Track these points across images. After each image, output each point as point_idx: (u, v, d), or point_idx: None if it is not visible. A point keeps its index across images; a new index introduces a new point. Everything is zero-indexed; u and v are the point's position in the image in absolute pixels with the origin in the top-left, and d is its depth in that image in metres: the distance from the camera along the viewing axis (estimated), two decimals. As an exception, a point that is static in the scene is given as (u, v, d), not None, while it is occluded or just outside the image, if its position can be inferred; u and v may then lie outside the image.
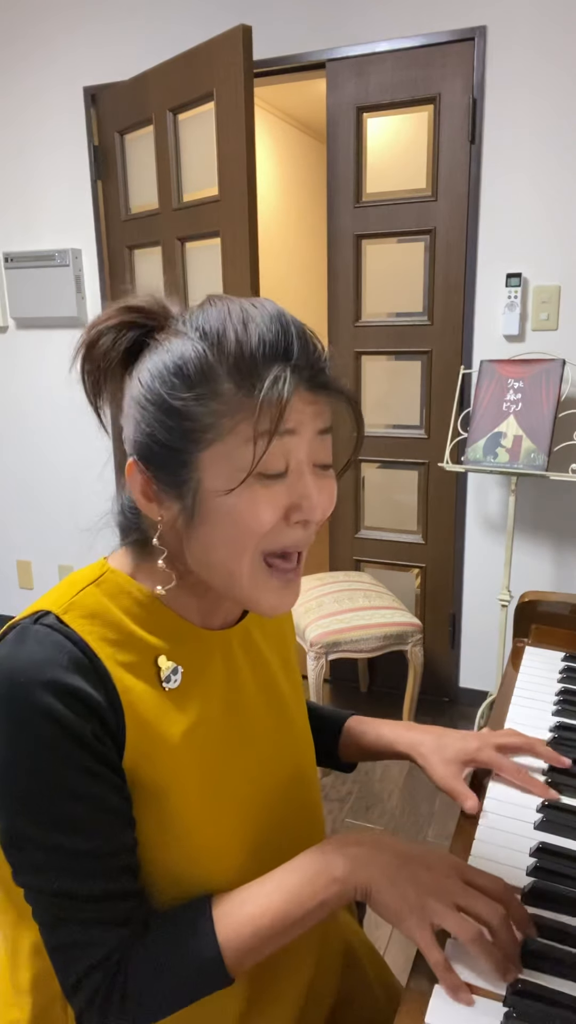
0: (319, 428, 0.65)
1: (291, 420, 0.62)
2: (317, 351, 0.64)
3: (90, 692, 0.61)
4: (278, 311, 0.63)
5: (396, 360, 2.65)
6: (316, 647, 2.27)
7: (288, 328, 0.62)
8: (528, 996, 0.58)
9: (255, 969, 0.71)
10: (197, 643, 0.71)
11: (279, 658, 0.82)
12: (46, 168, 2.98)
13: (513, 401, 2.23)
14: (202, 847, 0.67)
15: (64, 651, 0.61)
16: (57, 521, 3.34)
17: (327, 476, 0.67)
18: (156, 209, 2.60)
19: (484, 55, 2.30)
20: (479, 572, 2.67)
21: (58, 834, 0.60)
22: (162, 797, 0.65)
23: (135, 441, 0.64)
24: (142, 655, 0.66)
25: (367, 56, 2.43)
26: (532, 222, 2.36)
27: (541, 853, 0.74)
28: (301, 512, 0.63)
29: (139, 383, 0.63)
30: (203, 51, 2.23)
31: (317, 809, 0.83)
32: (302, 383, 0.62)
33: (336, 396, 0.66)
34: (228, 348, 0.61)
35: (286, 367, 0.60)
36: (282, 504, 0.63)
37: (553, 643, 1.20)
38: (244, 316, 0.62)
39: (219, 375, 0.60)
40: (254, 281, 2.24)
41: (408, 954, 1.71)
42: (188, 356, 0.61)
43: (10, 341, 3.22)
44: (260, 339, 0.61)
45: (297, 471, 0.63)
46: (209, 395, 0.60)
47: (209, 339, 0.61)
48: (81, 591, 0.66)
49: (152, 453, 0.63)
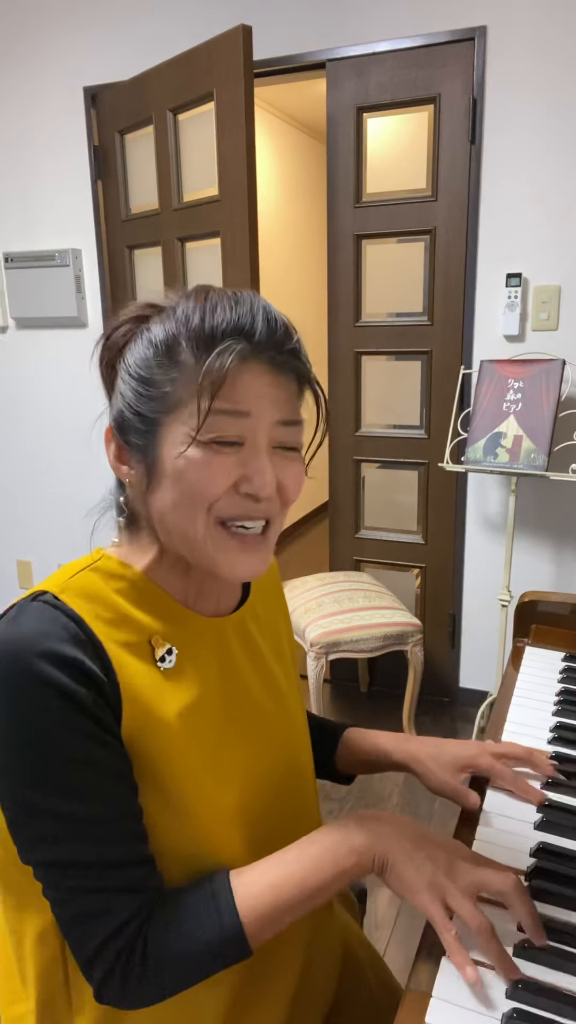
0: (280, 418, 0.67)
1: (244, 401, 0.64)
2: (284, 335, 0.66)
3: (88, 663, 0.62)
4: (253, 298, 0.66)
5: (396, 360, 2.65)
6: (316, 647, 2.27)
7: (257, 310, 0.65)
8: (528, 995, 0.58)
9: (240, 970, 0.71)
10: (191, 627, 0.72)
11: (274, 652, 0.83)
12: (46, 168, 2.98)
13: (513, 401, 2.23)
14: (201, 825, 0.67)
15: (60, 624, 0.62)
16: (57, 521, 3.34)
17: (291, 459, 0.69)
18: (156, 209, 2.60)
19: (484, 55, 2.30)
20: (479, 572, 2.67)
21: (72, 801, 0.60)
22: (159, 772, 0.65)
23: (115, 410, 0.70)
24: (137, 635, 0.68)
25: (367, 56, 2.43)
26: (532, 222, 2.36)
27: (541, 853, 0.74)
28: (250, 484, 0.65)
29: (123, 365, 0.69)
30: (203, 51, 2.23)
31: (312, 799, 0.83)
32: (262, 361, 0.65)
33: (293, 377, 0.68)
34: (193, 323, 0.65)
35: (240, 341, 0.63)
36: (233, 473, 0.65)
37: (553, 643, 1.20)
38: (218, 300, 0.66)
39: (181, 347, 0.65)
40: (254, 281, 2.24)
41: (408, 955, 1.71)
42: (158, 334, 0.66)
43: (10, 341, 3.22)
44: (223, 316, 0.64)
45: (252, 446, 0.66)
46: (171, 365, 0.65)
47: (178, 316, 0.66)
48: (76, 574, 0.68)
49: (124, 420, 0.68)
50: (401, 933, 1.79)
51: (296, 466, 0.70)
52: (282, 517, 0.71)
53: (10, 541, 3.47)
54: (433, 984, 0.60)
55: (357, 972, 0.88)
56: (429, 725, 2.67)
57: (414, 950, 0.63)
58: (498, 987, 0.59)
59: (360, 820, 0.68)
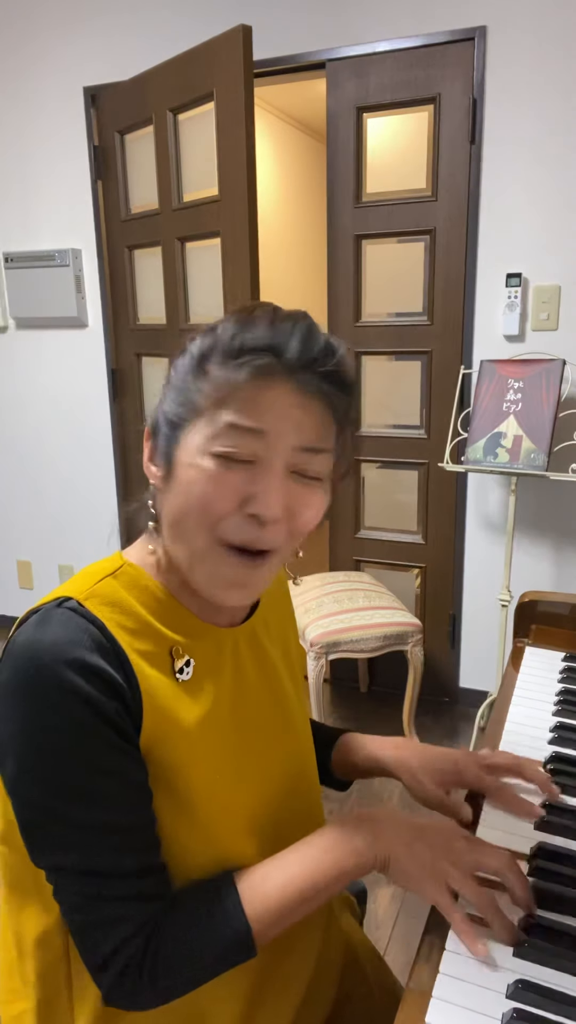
0: (302, 443, 0.64)
1: (263, 420, 0.63)
2: (323, 357, 0.64)
3: (112, 673, 0.62)
4: (300, 318, 0.66)
5: (396, 360, 2.65)
6: (316, 647, 2.27)
7: (296, 330, 0.64)
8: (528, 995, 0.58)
9: (257, 968, 0.71)
10: (208, 639, 0.72)
11: (283, 658, 0.83)
12: (46, 168, 2.98)
13: (513, 401, 2.23)
14: (214, 831, 0.68)
15: (86, 632, 0.62)
16: (57, 521, 3.34)
17: (310, 487, 0.66)
18: (156, 209, 2.60)
19: (484, 55, 2.30)
20: (479, 572, 2.67)
21: (91, 809, 0.61)
22: (175, 783, 0.66)
23: (152, 413, 0.71)
24: (158, 645, 0.68)
25: (367, 56, 2.43)
26: (532, 222, 2.36)
27: (541, 853, 0.74)
28: (255, 504, 0.63)
29: (170, 370, 0.70)
30: (203, 51, 2.23)
31: (317, 804, 0.84)
32: (290, 382, 0.63)
33: (326, 403, 0.65)
34: (227, 337, 0.64)
35: (265, 357, 0.62)
36: (239, 491, 0.63)
37: (553, 643, 1.20)
38: (262, 317, 0.65)
39: (213, 359, 0.64)
40: (254, 281, 2.24)
41: (408, 955, 1.71)
42: (199, 344, 0.66)
43: (10, 341, 3.22)
44: (257, 332, 0.63)
45: (263, 466, 0.64)
46: (201, 376, 0.65)
47: (219, 329, 0.66)
48: (99, 581, 0.67)
49: (158, 423, 0.69)
50: (401, 933, 1.79)
51: (314, 495, 0.67)
52: (288, 548, 0.68)
53: (10, 541, 3.47)
54: (433, 984, 0.60)
55: (357, 972, 0.88)
56: (429, 725, 2.67)
57: (414, 950, 0.63)
58: (498, 987, 0.59)
59: (358, 820, 0.69)
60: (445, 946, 0.63)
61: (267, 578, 0.68)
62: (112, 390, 3.06)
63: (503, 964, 0.62)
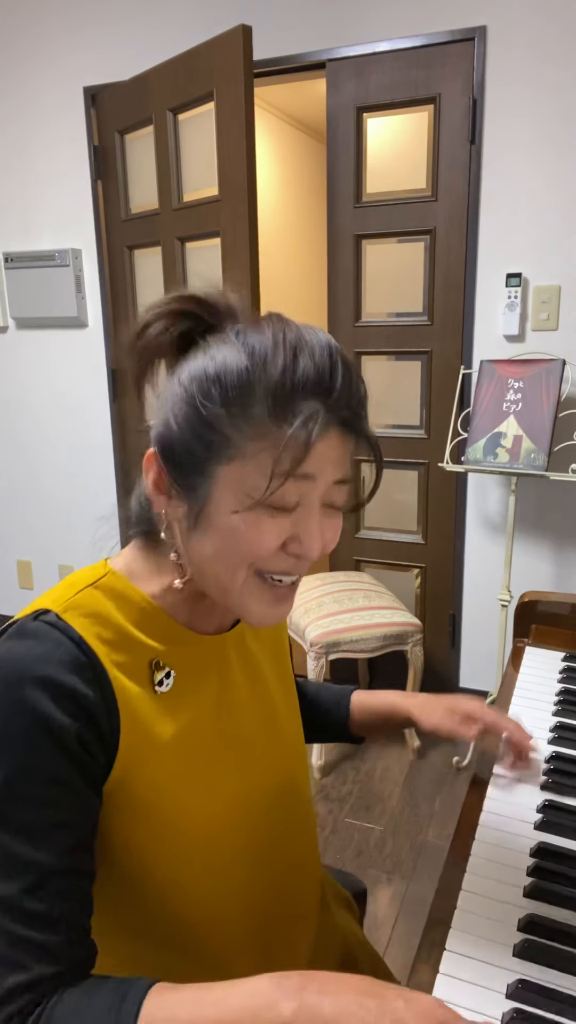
0: (337, 478, 0.64)
1: (312, 464, 0.61)
2: (358, 392, 0.63)
3: (85, 691, 0.60)
4: (330, 343, 0.62)
5: (396, 360, 2.65)
6: (316, 647, 2.27)
7: (336, 364, 0.60)
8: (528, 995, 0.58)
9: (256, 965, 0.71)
10: (193, 648, 0.71)
11: (273, 663, 0.82)
12: (46, 168, 2.98)
13: (513, 401, 2.23)
14: (194, 848, 0.67)
15: (62, 647, 0.60)
16: (57, 521, 3.34)
17: (335, 515, 0.67)
18: (156, 209, 2.60)
19: (484, 55, 2.30)
20: (479, 572, 2.67)
21: (17, 839, 0.57)
22: (156, 800, 0.64)
23: (160, 435, 0.64)
24: (137, 657, 0.66)
25: (367, 56, 2.43)
26: (532, 222, 2.36)
27: (541, 853, 0.74)
28: (300, 546, 0.63)
29: (178, 382, 0.63)
30: (203, 51, 2.23)
31: (308, 816, 0.83)
32: (335, 423, 0.61)
33: (364, 443, 0.65)
34: (272, 373, 0.59)
35: (322, 406, 0.59)
36: (284, 535, 0.63)
37: (553, 643, 1.20)
38: (297, 343, 0.60)
39: (256, 398, 0.59)
40: (254, 281, 2.24)
41: (408, 955, 1.71)
42: (231, 370, 0.60)
43: (10, 341, 3.22)
44: (304, 371, 0.59)
45: (307, 508, 0.63)
46: (241, 415, 0.59)
47: (256, 358, 0.60)
48: (80, 591, 0.66)
49: (173, 452, 0.63)
50: (401, 933, 1.79)
51: (337, 521, 0.67)
52: None
53: (10, 541, 3.47)
54: (433, 984, 0.60)
55: (357, 972, 0.88)
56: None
57: (414, 950, 0.62)
58: (498, 987, 0.59)
59: (301, 986, 0.54)
60: (445, 946, 0.63)
61: (295, 596, 0.70)
62: (112, 390, 3.06)
63: (503, 964, 0.62)
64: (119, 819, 0.63)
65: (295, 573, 0.66)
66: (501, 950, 0.63)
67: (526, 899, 0.69)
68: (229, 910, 0.71)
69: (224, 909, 0.70)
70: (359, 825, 2.16)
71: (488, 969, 0.61)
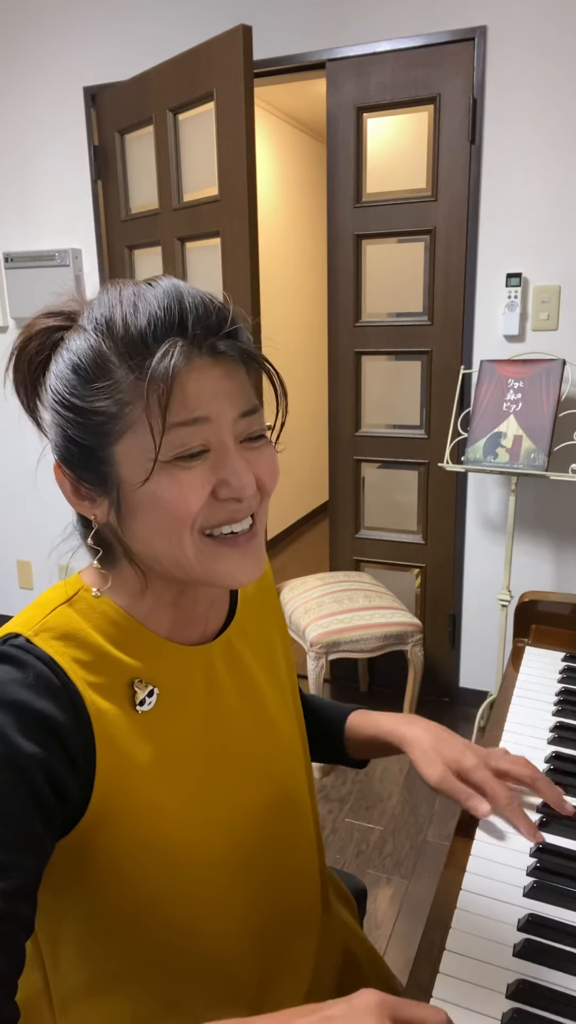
0: (239, 411, 0.61)
1: (195, 403, 0.58)
2: (219, 317, 0.60)
3: (56, 716, 0.58)
4: (173, 285, 0.60)
5: (396, 360, 2.65)
6: (316, 647, 2.27)
7: (182, 300, 0.59)
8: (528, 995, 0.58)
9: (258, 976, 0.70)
10: (175, 661, 0.68)
11: (266, 668, 0.79)
12: (46, 168, 2.98)
13: (513, 401, 2.23)
14: (186, 868, 0.65)
15: (33, 672, 0.58)
16: (57, 521, 3.33)
17: (260, 447, 0.64)
18: (156, 209, 2.60)
19: (484, 55, 2.30)
20: (479, 572, 2.67)
21: None
22: (136, 822, 0.62)
23: (56, 445, 0.64)
24: (115, 677, 0.64)
25: (367, 56, 2.43)
26: (532, 222, 2.35)
27: (541, 853, 0.74)
28: (230, 489, 0.61)
29: (49, 389, 0.63)
30: (203, 51, 2.23)
31: (309, 824, 0.81)
32: (200, 353, 0.59)
33: (239, 360, 0.62)
34: (117, 333, 0.59)
35: (177, 341, 0.58)
36: (208, 483, 0.60)
37: (553, 643, 1.20)
38: (135, 297, 0.60)
39: (114, 364, 0.59)
40: (254, 281, 2.24)
41: (408, 955, 1.71)
42: (83, 350, 0.60)
43: (10, 341, 3.21)
44: (149, 317, 0.58)
45: (219, 449, 0.61)
46: (108, 386, 0.59)
47: (100, 328, 0.59)
48: (52, 611, 0.64)
49: (71, 454, 0.63)
50: (401, 933, 1.79)
51: (267, 453, 0.65)
52: (265, 508, 0.67)
53: (10, 541, 3.47)
54: (433, 984, 0.60)
55: (357, 972, 0.88)
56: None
57: (414, 950, 0.62)
58: (498, 987, 0.59)
59: None
60: (445, 946, 0.63)
61: (262, 543, 0.66)
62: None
63: (503, 964, 0.62)
64: (103, 843, 0.61)
65: (240, 518, 0.63)
66: (501, 950, 0.63)
67: (526, 899, 0.69)
68: (225, 928, 0.69)
69: (220, 927, 0.69)
70: (359, 825, 2.16)
71: (488, 969, 0.61)
